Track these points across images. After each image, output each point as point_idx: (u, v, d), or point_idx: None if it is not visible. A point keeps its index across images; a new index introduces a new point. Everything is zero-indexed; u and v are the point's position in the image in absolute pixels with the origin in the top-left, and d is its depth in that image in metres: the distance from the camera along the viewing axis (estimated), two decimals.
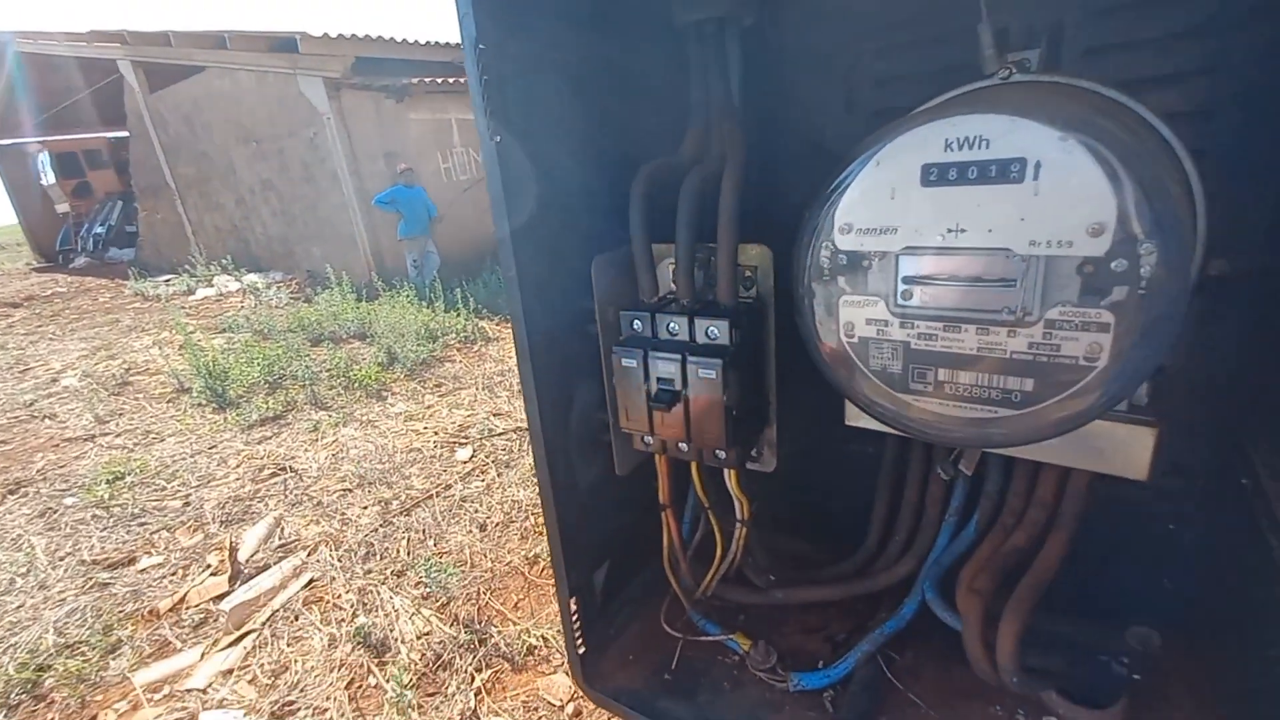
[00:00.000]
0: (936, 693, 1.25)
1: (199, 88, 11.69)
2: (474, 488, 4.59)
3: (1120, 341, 0.77)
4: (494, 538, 3.97)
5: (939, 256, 0.85)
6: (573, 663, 1.34)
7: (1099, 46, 0.97)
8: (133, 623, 3.46)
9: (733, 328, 1.04)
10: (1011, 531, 1.20)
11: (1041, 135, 0.72)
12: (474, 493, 4.52)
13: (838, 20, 1.19)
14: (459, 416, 5.86)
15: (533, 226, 1.06)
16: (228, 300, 10.99)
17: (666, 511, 1.31)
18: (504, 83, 0.97)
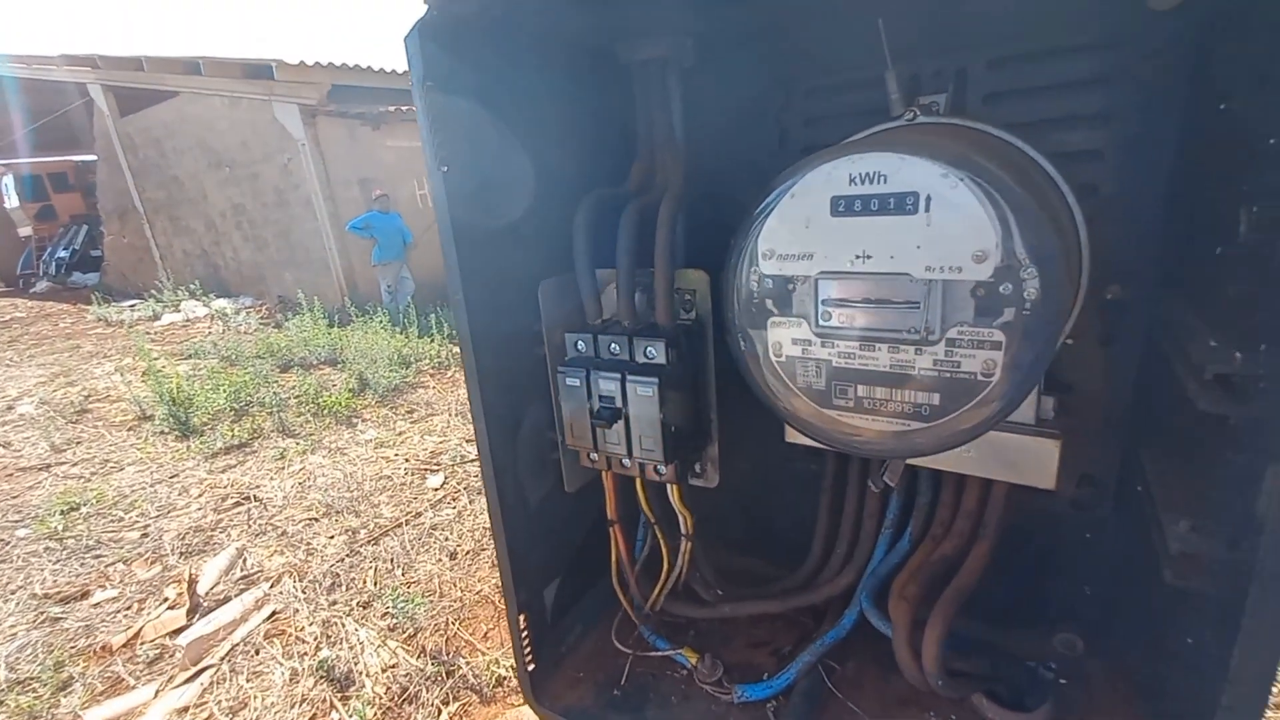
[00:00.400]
0: (875, 700, 1.29)
1: (171, 112, 11.65)
2: (445, 515, 4.54)
3: (1010, 357, 0.84)
4: (464, 566, 3.92)
5: (851, 280, 0.92)
6: (522, 681, 1.35)
7: (998, 92, 1.07)
8: (85, 659, 3.33)
9: (669, 348, 1.10)
10: (940, 541, 1.26)
11: (928, 171, 0.80)
12: (445, 520, 4.46)
13: (770, 63, 1.28)
14: (431, 443, 5.80)
15: (481, 252, 1.11)
16: (195, 326, 10.80)
17: (614, 527, 1.35)
18: (450, 118, 1.03)
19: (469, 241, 1.08)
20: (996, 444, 1.13)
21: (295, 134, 9.75)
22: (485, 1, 0.92)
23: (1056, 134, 1.03)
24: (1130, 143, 0.99)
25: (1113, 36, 0.97)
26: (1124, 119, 0.99)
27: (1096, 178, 1.03)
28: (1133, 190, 1.01)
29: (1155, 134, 0.97)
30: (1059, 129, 1.04)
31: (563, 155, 1.27)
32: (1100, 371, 1.12)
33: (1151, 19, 0.94)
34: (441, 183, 1.02)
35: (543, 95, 1.21)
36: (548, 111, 1.23)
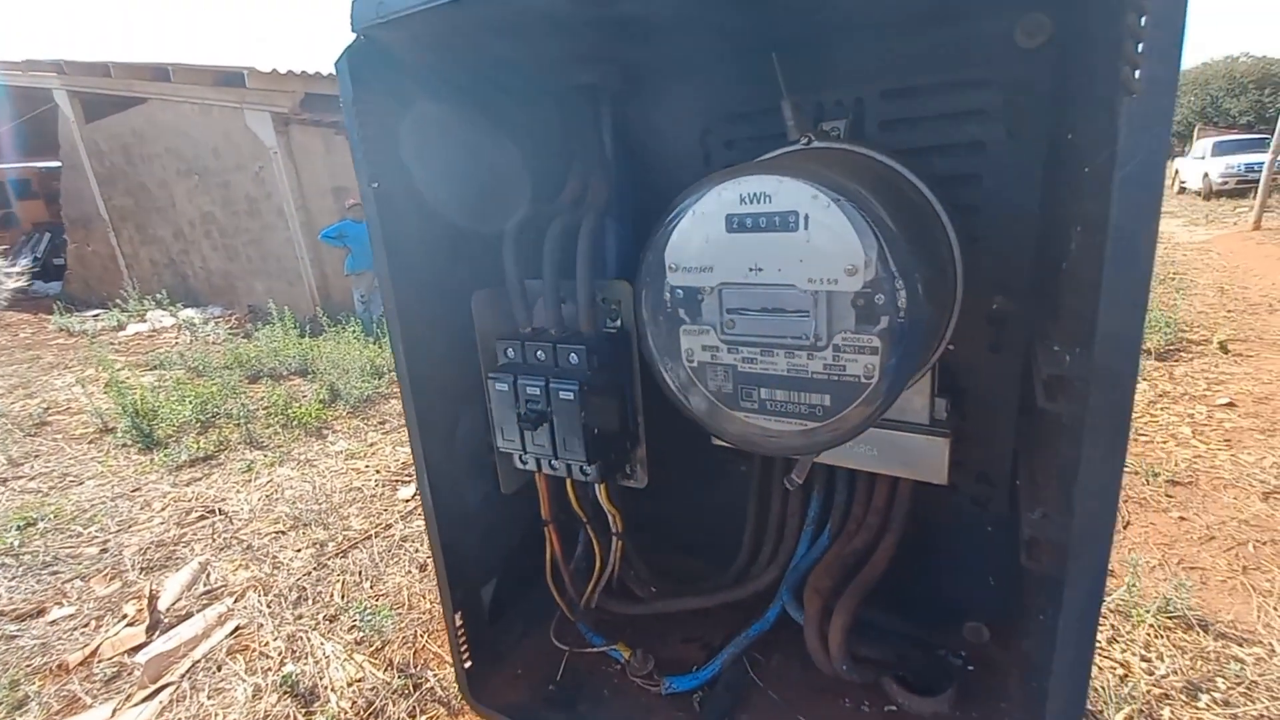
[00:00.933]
0: (795, 690, 1.36)
1: (139, 119, 11.50)
2: (415, 527, 4.53)
3: (886, 361, 0.93)
4: (434, 578, 3.90)
5: (748, 291, 1.00)
6: (459, 679, 1.40)
7: (891, 120, 1.17)
8: (40, 678, 3.26)
9: (590, 354, 1.17)
10: (854, 536, 1.34)
11: (803, 192, 0.88)
12: (415, 532, 4.45)
13: (694, 90, 1.37)
14: (403, 454, 5.78)
15: (415, 264, 1.18)
16: (161, 336, 10.62)
17: (548, 527, 1.40)
18: (383, 136, 1.09)
19: (401, 253, 1.14)
20: (896, 443, 1.21)
21: (267, 142, 9.69)
22: (414, 32, 0.99)
23: (941, 159, 1.13)
24: (1004, 168, 1.09)
25: (987, 73, 1.07)
26: (997, 147, 1.09)
27: (977, 199, 1.13)
28: (1008, 211, 1.10)
29: (1024, 161, 1.07)
30: (943, 155, 1.13)
31: (496, 173, 1.34)
32: (990, 377, 1.21)
33: (1019, 57, 1.04)
34: (373, 198, 1.08)
35: (476, 116, 1.28)
36: (481, 131, 1.30)
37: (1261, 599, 3.03)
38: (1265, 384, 5.49)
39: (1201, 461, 4.35)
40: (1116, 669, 2.67)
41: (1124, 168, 0.57)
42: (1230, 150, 20.00)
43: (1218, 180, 19.46)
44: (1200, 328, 7.10)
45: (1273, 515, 3.68)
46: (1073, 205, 0.81)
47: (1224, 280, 9.40)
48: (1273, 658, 2.64)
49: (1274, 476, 4.05)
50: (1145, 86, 0.55)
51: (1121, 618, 2.96)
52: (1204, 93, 35.22)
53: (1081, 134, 0.81)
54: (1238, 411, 5.04)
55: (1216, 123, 31.87)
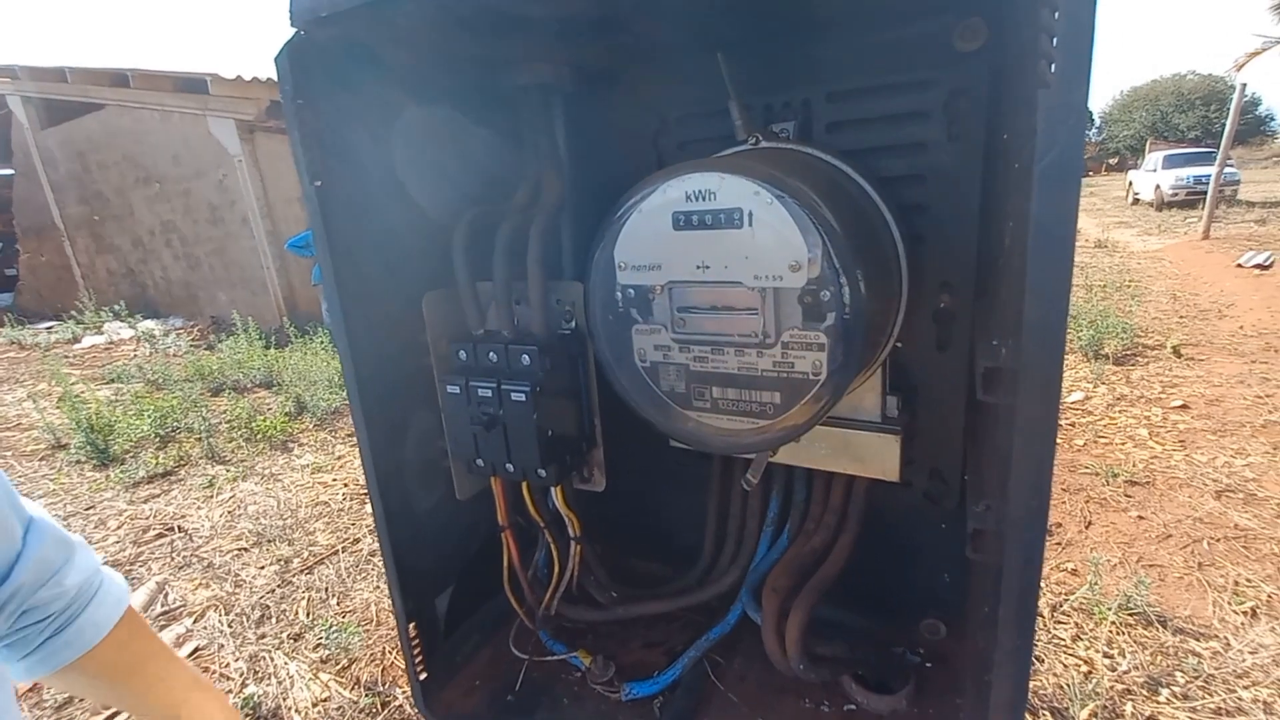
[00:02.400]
0: (756, 692, 1.35)
1: (96, 125, 11.19)
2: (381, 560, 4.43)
3: (833, 357, 0.93)
4: None
5: (696, 289, 1.00)
6: (414, 691, 1.36)
7: (837, 122, 1.18)
8: None
9: (542, 355, 1.16)
10: (812, 536, 1.35)
11: (744, 189, 0.89)
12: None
13: (646, 91, 1.37)
14: None
15: (361, 264, 1.15)
16: (118, 349, 10.29)
17: (505, 533, 1.38)
18: (325, 133, 1.07)
19: (346, 253, 1.11)
20: (850, 441, 1.23)
21: (231, 150, 9.51)
22: (348, 28, 0.97)
23: (885, 160, 1.15)
24: (947, 168, 1.11)
25: (928, 75, 1.10)
26: (940, 147, 1.11)
27: (921, 199, 1.15)
28: (950, 210, 1.13)
29: (964, 161, 1.10)
30: (888, 156, 1.15)
31: (447, 172, 1.33)
32: (939, 375, 1.23)
33: (958, 60, 1.06)
34: (315, 197, 1.05)
35: (423, 114, 1.27)
36: (429, 130, 1.29)
37: (1216, 594, 3.13)
38: (1216, 386, 5.71)
39: (1158, 462, 4.49)
40: (1081, 666, 2.73)
41: (1042, 160, 0.59)
42: (1180, 163, 20.87)
43: (1169, 192, 20.28)
44: (1155, 333, 7.37)
45: (1225, 513, 3.81)
46: (1006, 202, 0.83)
47: (1176, 287, 9.78)
48: (1228, 651, 2.72)
49: (1226, 476, 4.20)
50: (1059, 79, 0.56)
51: (1085, 615, 3.03)
52: (1154, 108, 36.78)
53: (1012, 133, 0.83)
54: (1191, 413, 5.23)
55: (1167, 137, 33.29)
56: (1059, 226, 0.61)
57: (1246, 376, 5.83)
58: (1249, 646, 2.74)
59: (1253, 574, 3.24)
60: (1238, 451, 4.52)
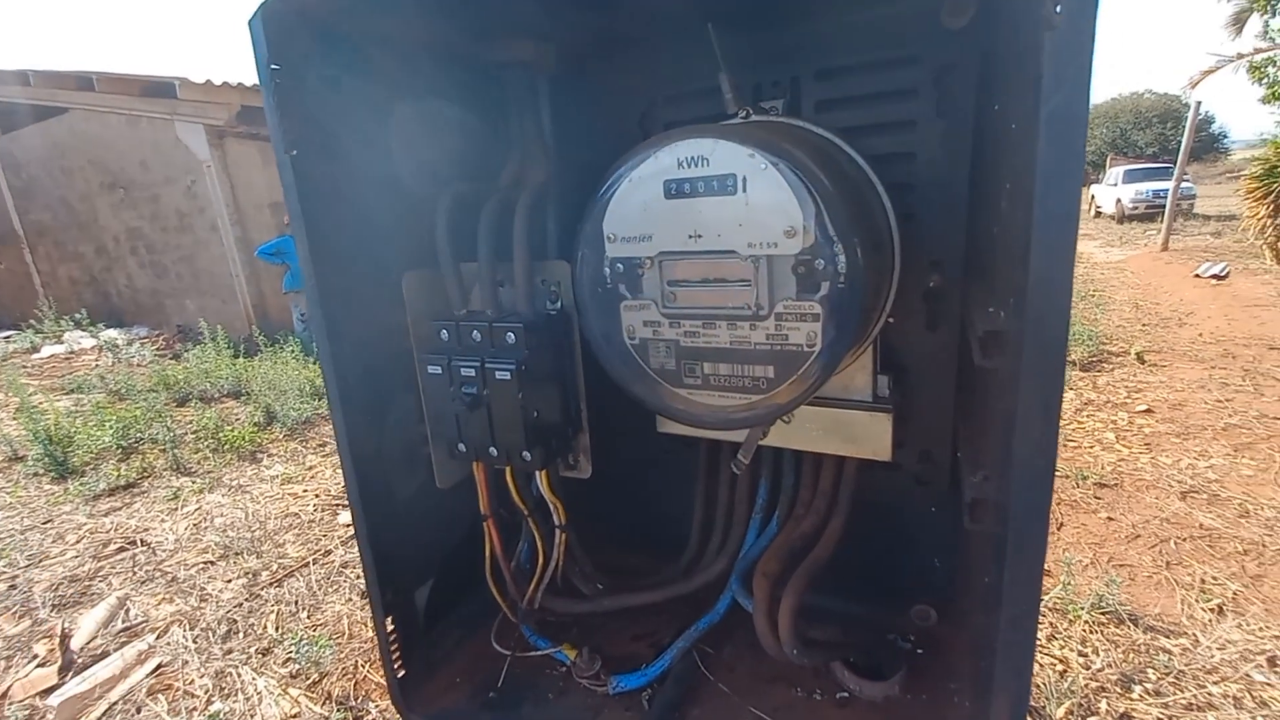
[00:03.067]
0: (746, 680, 1.32)
1: (61, 129, 10.87)
2: (357, 552, 4.29)
3: (828, 328, 0.92)
4: None
5: (690, 261, 0.98)
6: (391, 687, 1.30)
7: (827, 100, 1.18)
8: None
9: (528, 333, 1.12)
10: (801, 520, 1.33)
11: (738, 153, 0.87)
12: (357, 557, 4.22)
13: (632, 72, 1.36)
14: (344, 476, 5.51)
15: (338, 239, 1.11)
16: (79, 359, 9.93)
17: (487, 522, 1.33)
18: (299, 104, 1.03)
19: (321, 228, 1.07)
20: (841, 421, 1.21)
21: (200, 155, 9.30)
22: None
23: (875, 137, 1.15)
24: (935, 145, 1.11)
25: (916, 52, 1.10)
26: (929, 124, 1.11)
27: (911, 177, 1.15)
28: (942, 187, 1.13)
29: (954, 138, 1.10)
30: (878, 133, 1.15)
31: (429, 149, 1.29)
32: (929, 354, 1.23)
33: (946, 37, 1.07)
34: (290, 166, 1.01)
35: (404, 89, 1.23)
36: (410, 105, 1.25)
37: (1184, 592, 3.18)
38: (1178, 391, 5.87)
39: (1125, 464, 4.59)
40: (1056, 665, 2.74)
41: (1049, 102, 0.58)
42: (1139, 178, 21.65)
43: (1129, 205, 21.00)
44: (1119, 340, 7.57)
45: (1190, 513, 3.89)
46: (1002, 166, 0.82)
47: (1138, 297, 10.08)
48: (1197, 648, 2.76)
49: (1190, 477, 4.30)
50: (1065, 18, 0.56)
51: (1059, 615, 3.05)
52: (1114, 125, 38.18)
53: (1007, 98, 0.83)
54: (1155, 417, 5.36)
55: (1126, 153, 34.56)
56: (1065, 175, 0.60)
57: (1207, 382, 6.01)
58: (1217, 643, 2.78)
59: (1218, 572, 3.31)
60: (1200, 454, 4.63)
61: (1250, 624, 2.88)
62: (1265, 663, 2.65)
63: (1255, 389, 5.76)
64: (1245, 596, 3.10)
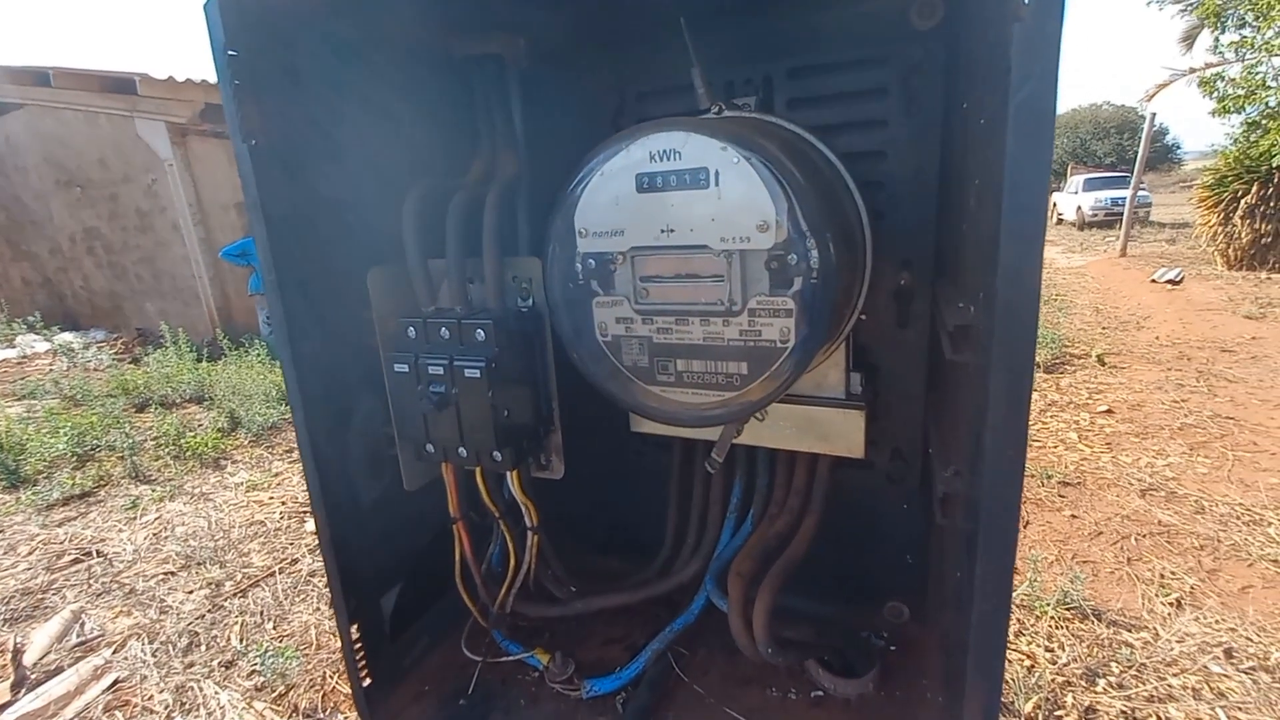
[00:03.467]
0: (721, 682, 1.31)
1: (15, 125, 10.47)
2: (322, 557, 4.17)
3: (800, 324, 0.91)
4: None
5: (661, 255, 0.97)
6: (357, 699, 1.26)
7: (799, 98, 1.19)
8: None
9: (498, 329, 1.10)
10: (776, 519, 1.32)
11: (710, 146, 0.87)
12: (324, 565, 4.10)
13: (606, 67, 1.35)
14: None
15: (296, 233, 1.07)
16: (32, 363, 9.55)
17: (457, 525, 1.30)
18: (261, 90, 0.99)
19: (281, 220, 1.03)
20: (814, 418, 1.21)
21: (162, 153, 9.03)
22: None
23: (847, 136, 1.16)
24: (905, 144, 1.12)
25: (885, 52, 1.11)
26: (899, 123, 1.12)
27: (882, 175, 1.16)
28: (912, 185, 1.14)
29: (924, 137, 1.11)
30: (849, 131, 1.16)
31: (396, 141, 1.26)
32: (900, 352, 1.24)
33: (915, 37, 1.08)
34: (248, 156, 0.97)
35: (370, 80, 1.20)
36: (378, 96, 1.22)
37: (1144, 587, 3.27)
38: (1137, 392, 6.06)
39: (1087, 464, 4.71)
40: (1024, 660, 2.80)
41: (1018, 93, 0.58)
42: (1098, 186, 22.40)
43: (1089, 213, 21.70)
44: (1080, 343, 7.80)
45: (1149, 510, 4.02)
46: (971, 163, 0.83)
47: (1098, 301, 10.41)
48: (1157, 641, 2.85)
49: (1149, 475, 4.44)
50: (1031, 9, 0.56)
51: (1026, 611, 3.12)
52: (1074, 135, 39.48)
53: (976, 94, 0.84)
54: (1115, 417, 5.53)
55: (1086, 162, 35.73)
56: (1035, 166, 0.60)
57: (1164, 383, 6.22)
58: (1176, 636, 2.87)
59: (1176, 567, 3.41)
60: (1158, 452, 4.79)
61: (1207, 617, 2.97)
62: (1222, 654, 2.73)
63: (1209, 390, 5.98)
64: (1202, 590, 3.20)
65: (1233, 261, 11.53)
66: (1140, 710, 2.44)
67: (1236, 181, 11.50)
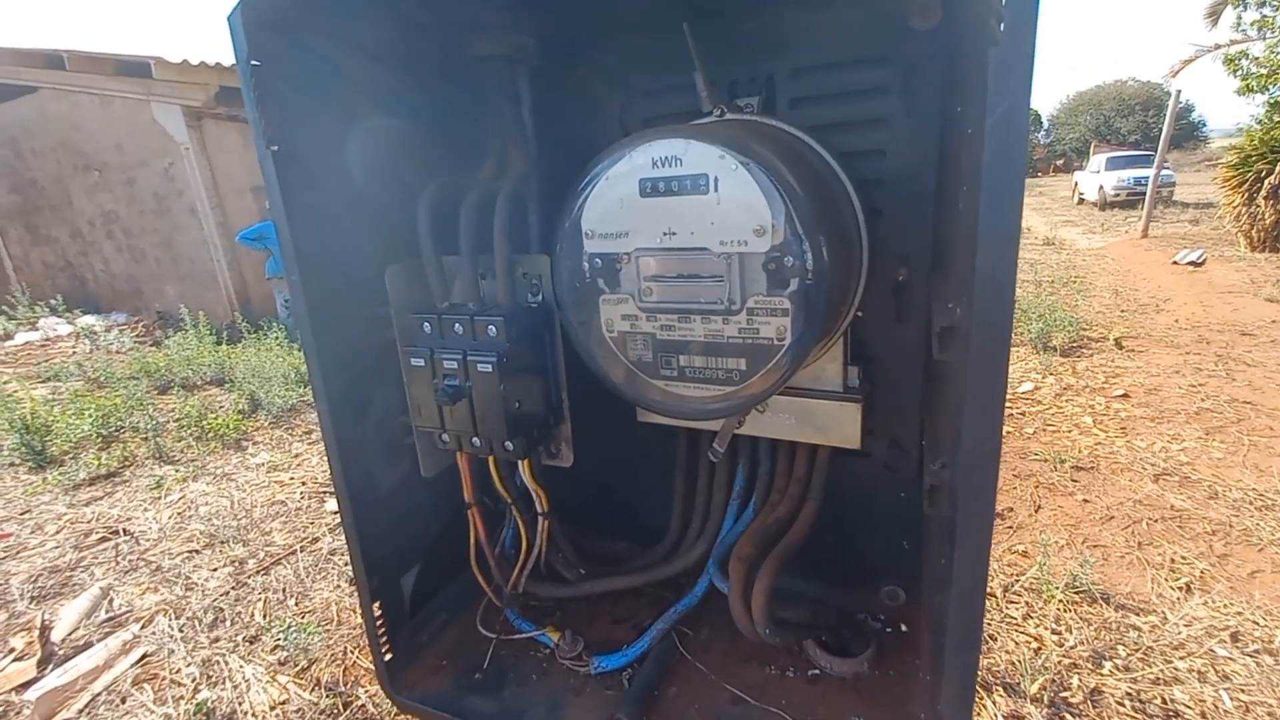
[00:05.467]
0: (721, 660, 1.38)
1: (29, 109, 10.58)
2: (345, 539, 4.30)
3: (797, 322, 0.96)
4: None
5: (665, 257, 1.01)
6: (378, 671, 1.34)
7: (800, 97, 1.21)
8: None
9: (509, 325, 1.15)
10: (777, 506, 1.38)
11: (710, 153, 0.90)
12: (344, 545, 4.23)
13: (611, 67, 1.38)
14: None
15: (318, 234, 1.12)
16: (55, 346, 9.77)
17: (472, 510, 1.37)
18: (282, 97, 1.04)
19: (304, 222, 1.09)
20: (812, 410, 1.26)
21: (178, 137, 9.11)
22: None
23: (847, 134, 1.18)
24: (904, 143, 1.15)
25: (886, 51, 1.13)
26: (898, 123, 1.14)
27: (882, 174, 1.18)
28: (910, 184, 1.17)
29: (922, 136, 1.14)
30: (849, 130, 1.19)
31: (411, 143, 1.31)
32: (897, 346, 1.27)
33: (914, 37, 1.10)
34: (272, 162, 1.03)
35: (388, 82, 1.24)
36: (393, 98, 1.26)
37: (1154, 571, 3.30)
38: (1155, 376, 6.01)
39: (1101, 448, 4.71)
40: (1031, 642, 2.85)
41: (993, 114, 0.61)
42: (1121, 165, 21.77)
43: (1111, 192, 21.16)
44: (1098, 326, 7.71)
45: (1163, 495, 4.02)
46: (960, 167, 0.86)
47: (1118, 283, 10.25)
48: (1165, 625, 2.88)
49: (1163, 460, 4.43)
50: (1007, 35, 0.59)
51: (1034, 595, 3.16)
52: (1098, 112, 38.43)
53: (965, 103, 0.87)
54: (1131, 402, 5.50)
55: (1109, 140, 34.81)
56: (1007, 180, 0.64)
57: (1182, 367, 6.15)
58: (1184, 620, 2.90)
59: (1187, 552, 3.43)
60: (1174, 437, 4.77)
61: (1215, 601, 3.00)
62: (1229, 638, 2.77)
63: (1227, 374, 5.92)
64: (1212, 575, 3.22)
65: (1256, 243, 11.29)
66: (1146, 693, 2.49)
67: (1260, 161, 11.21)
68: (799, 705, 1.24)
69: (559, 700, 1.31)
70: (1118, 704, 2.48)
